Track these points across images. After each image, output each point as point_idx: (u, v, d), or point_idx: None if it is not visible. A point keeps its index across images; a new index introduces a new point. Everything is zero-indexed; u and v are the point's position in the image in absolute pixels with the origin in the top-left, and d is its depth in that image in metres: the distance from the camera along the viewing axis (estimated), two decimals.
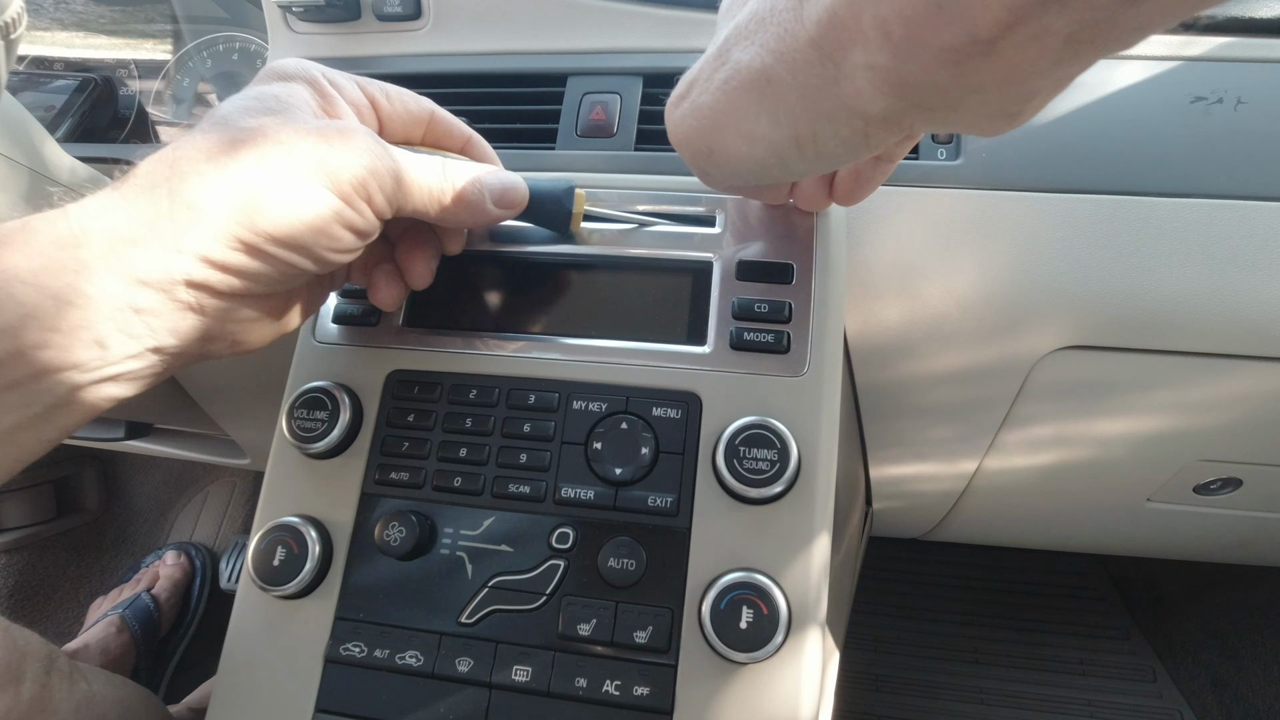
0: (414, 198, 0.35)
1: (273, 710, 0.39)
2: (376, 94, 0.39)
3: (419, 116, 0.40)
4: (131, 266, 0.29)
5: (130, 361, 0.31)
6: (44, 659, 0.42)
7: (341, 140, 0.32)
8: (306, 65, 0.36)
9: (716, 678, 0.36)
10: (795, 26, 0.26)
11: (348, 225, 0.33)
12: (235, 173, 0.30)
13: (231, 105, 0.33)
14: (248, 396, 0.73)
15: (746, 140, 0.30)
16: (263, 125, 0.31)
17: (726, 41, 0.29)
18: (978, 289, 0.49)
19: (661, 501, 0.39)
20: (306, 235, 0.32)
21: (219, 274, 0.31)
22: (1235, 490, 0.65)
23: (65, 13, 0.79)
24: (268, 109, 0.32)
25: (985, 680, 1.10)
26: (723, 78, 0.29)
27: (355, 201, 0.33)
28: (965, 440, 0.61)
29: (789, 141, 0.29)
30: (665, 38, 0.55)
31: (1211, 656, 1.07)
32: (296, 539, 0.40)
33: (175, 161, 0.30)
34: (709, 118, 0.30)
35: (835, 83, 0.26)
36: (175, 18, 0.78)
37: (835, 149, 0.29)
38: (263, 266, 0.32)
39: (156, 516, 1.32)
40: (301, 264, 0.33)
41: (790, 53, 0.26)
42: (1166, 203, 0.47)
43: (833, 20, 0.24)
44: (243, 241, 0.31)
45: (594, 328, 0.44)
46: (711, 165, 0.32)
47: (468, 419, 0.42)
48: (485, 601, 0.39)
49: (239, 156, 0.30)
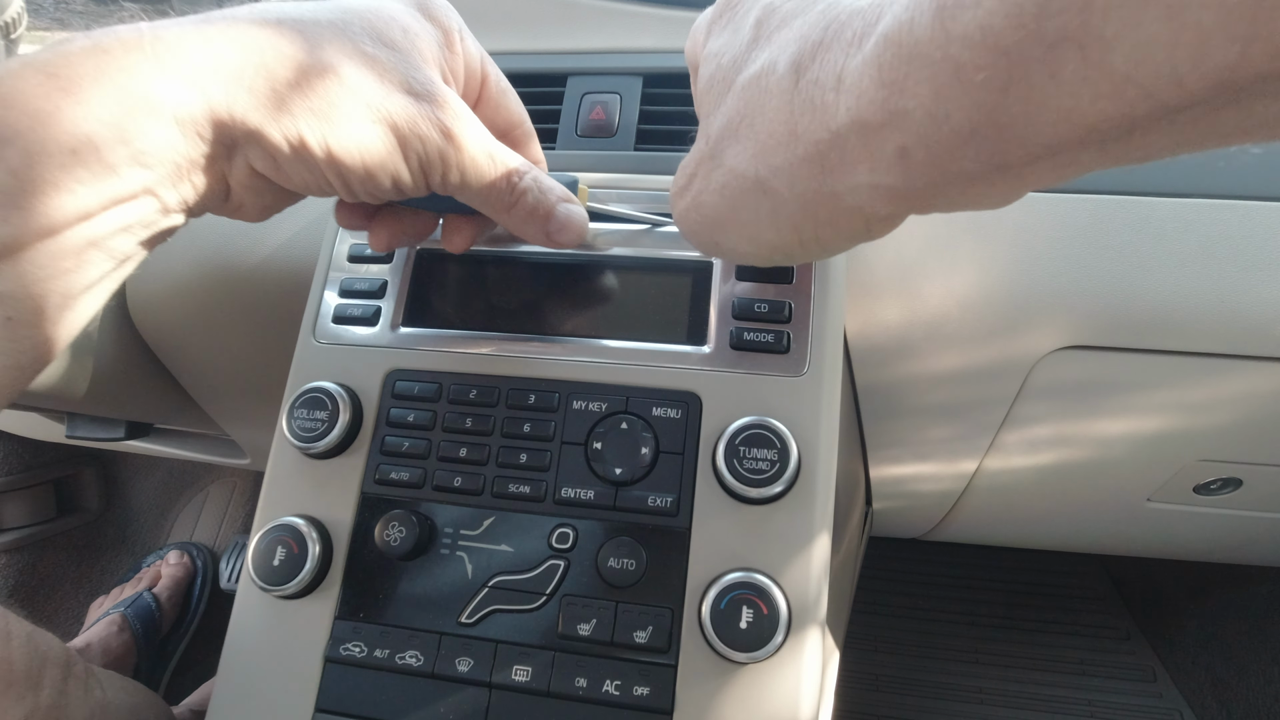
0: (472, 193, 0.36)
1: (273, 710, 0.39)
2: (491, 75, 0.39)
3: (512, 118, 0.41)
4: (194, 105, 0.29)
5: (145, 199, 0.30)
6: (63, 665, 0.42)
7: (432, 113, 0.32)
8: (449, 14, 0.36)
9: (716, 678, 0.36)
10: (789, 142, 0.25)
11: (396, 183, 0.33)
12: (325, 87, 0.30)
13: (358, 15, 0.32)
14: (248, 396, 0.73)
15: (751, 242, 0.30)
16: (378, 58, 0.31)
17: (718, 137, 0.28)
18: (978, 289, 0.49)
19: (661, 501, 0.39)
20: (354, 171, 0.32)
21: (265, 156, 0.31)
22: (1235, 490, 0.65)
23: (65, 13, 0.79)
24: (389, 42, 0.32)
25: (985, 680, 1.10)
26: (719, 182, 0.29)
27: (414, 170, 0.33)
28: (965, 440, 0.61)
29: (791, 243, 0.28)
30: (665, 38, 0.55)
31: (1211, 656, 1.07)
32: (296, 539, 0.40)
33: (280, 38, 0.30)
34: (711, 217, 0.30)
35: (836, 197, 0.25)
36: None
37: (838, 243, 0.28)
38: (299, 170, 0.32)
39: (156, 516, 1.32)
40: (336, 187, 0.33)
41: (786, 167, 0.25)
42: (1166, 203, 0.47)
43: (837, 143, 0.23)
44: (298, 147, 0.31)
45: (594, 327, 0.44)
46: (720, 255, 0.33)
47: (468, 419, 0.42)
48: (485, 601, 0.39)
49: (337, 70, 0.30)
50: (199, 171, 0.31)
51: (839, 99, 0.22)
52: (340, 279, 0.47)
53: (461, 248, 0.42)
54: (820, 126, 0.23)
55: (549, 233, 0.38)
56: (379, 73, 0.31)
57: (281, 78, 0.29)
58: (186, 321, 0.62)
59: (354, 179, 0.33)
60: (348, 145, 0.31)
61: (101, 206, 0.28)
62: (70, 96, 0.26)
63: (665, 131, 0.51)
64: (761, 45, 0.27)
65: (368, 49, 0.31)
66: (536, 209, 0.37)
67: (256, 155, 0.31)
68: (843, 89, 0.22)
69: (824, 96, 0.23)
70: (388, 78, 0.31)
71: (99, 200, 0.28)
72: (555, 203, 0.38)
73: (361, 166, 0.32)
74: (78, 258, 0.29)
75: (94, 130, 0.27)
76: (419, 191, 0.35)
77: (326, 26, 0.31)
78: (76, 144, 0.26)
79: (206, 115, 0.29)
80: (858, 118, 0.22)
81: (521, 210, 0.37)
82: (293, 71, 0.29)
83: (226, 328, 0.62)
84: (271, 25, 0.30)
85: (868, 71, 0.21)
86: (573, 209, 0.39)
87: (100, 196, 0.28)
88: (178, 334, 0.64)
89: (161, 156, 0.29)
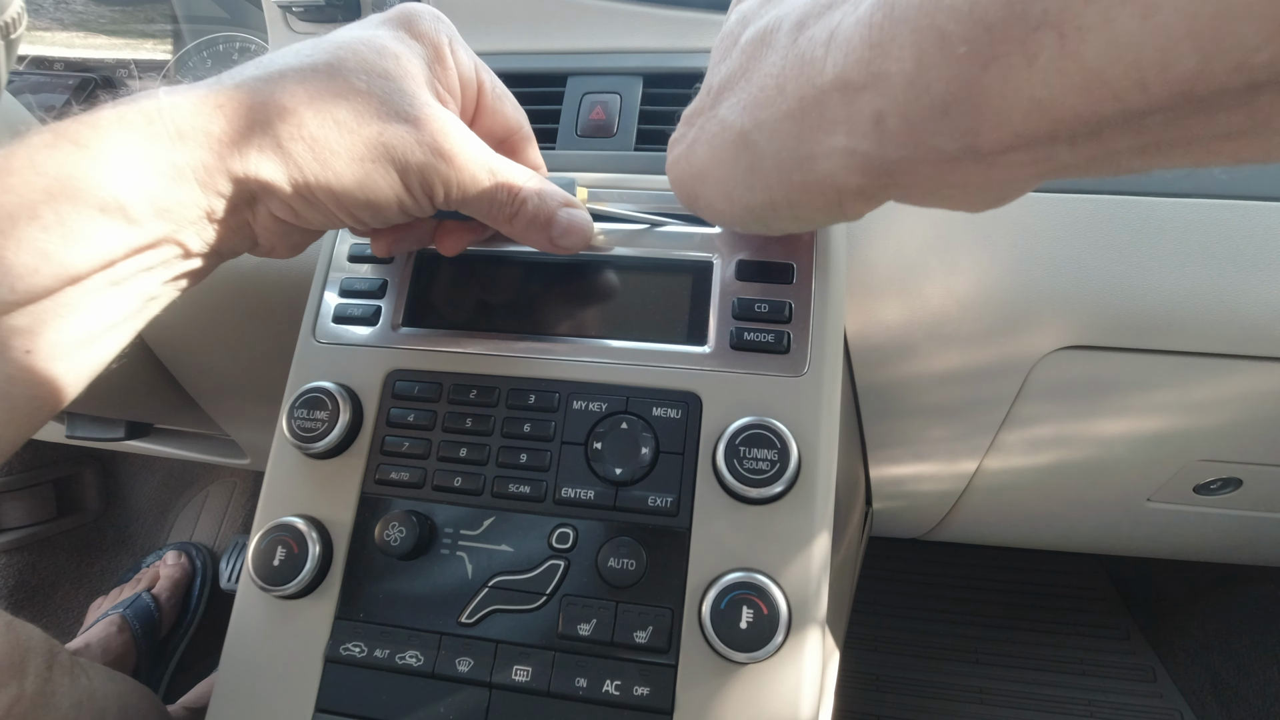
0: (474, 209, 0.36)
1: (273, 710, 0.39)
2: (486, 82, 0.40)
3: (510, 124, 0.41)
4: (210, 166, 0.31)
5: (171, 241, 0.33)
6: (46, 654, 0.42)
7: (429, 138, 0.33)
8: (437, 28, 0.37)
9: (716, 678, 0.36)
10: (776, 97, 0.25)
11: (402, 209, 0.35)
12: (323, 135, 0.32)
13: (351, 51, 0.33)
14: (248, 397, 0.73)
15: (726, 199, 0.31)
16: (372, 92, 0.32)
17: (719, 89, 0.29)
18: (978, 289, 0.49)
19: (661, 501, 0.39)
20: (362, 207, 0.34)
21: (281, 203, 0.33)
22: (1235, 490, 0.65)
23: (65, 13, 0.79)
24: (381, 73, 0.33)
25: (985, 680, 1.10)
26: (710, 132, 0.30)
27: (418, 195, 0.34)
28: (965, 440, 0.61)
29: (764, 205, 0.29)
30: (665, 38, 0.55)
31: (1211, 657, 1.07)
32: (296, 539, 0.40)
33: (282, 97, 0.32)
34: (696, 168, 0.31)
35: (811, 159, 0.25)
36: (175, 18, 0.78)
37: (811, 216, 0.29)
38: (314, 213, 0.34)
39: (156, 516, 1.32)
40: (350, 223, 0.36)
41: (770, 121, 0.26)
42: (1166, 203, 0.47)
43: (819, 101, 0.23)
44: (305, 193, 0.33)
45: (594, 327, 0.44)
46: (698, 210, 0.34)
47: (468, 419, 0.42)
48: (485, 601, 0.39)
49: (333, 113, 0.32)
50: (224, 223, 0.34)
51: (827, 55, 0.23)
52: (340, 279, 0.47)
53: (454, 251, 0.43)
54: (806, 83, 0.24)
55: (553, 239, 0.38)
56: (374, 106, 0.32)
57: (286, 135, 0.32)
58: (186, 322, 0.62)
59: (363, 214, 0.34)
60: (349, 186, 0.33)
61: (126, 253, 0.31)
62: (99, 165, 0.29)
63: (665, 131, 0.50)
64: (774, 4, 0.27)
65: (360, 84, 0.32)
66: (537, 217, 0.37)
67: (274, 204, 0.34)
68: (833, 45, 0.23)
69: (814, 52, 0.23)
70: (382, 109, 0.33)
71: (124, 248, 0.31)
72: (556, 209, 0.38)
73: (366, 203, 0.34)
74: (100, 298, 0.31)
75: (121, 191, 0.29)
76: (424, 211, 0.36)
77: (323, 71, 0.32)
78: (104, 204, 0.29)
79: (223, 174, 0.32)
80: (841, 75, 0.22)
81: (523, 220, 0.37)
82: (294, 125, 0.31)
83: (226, 327, 0.62)
84: (275, 81, 0.32)
85: (858, 31, 0.21)
86: (575, 214, 0.39)
87: (125, 245, 0.31)
88: (178, 334, 0.64)
89: (183, 212, 0.32)
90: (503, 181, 0.36)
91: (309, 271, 0.49)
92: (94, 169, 0.29)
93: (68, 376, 0.32)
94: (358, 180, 0.33)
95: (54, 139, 0.29)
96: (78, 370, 0.32)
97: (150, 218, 0.31)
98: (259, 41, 0.73)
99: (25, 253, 0.28)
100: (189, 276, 0.36)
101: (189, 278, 0.36)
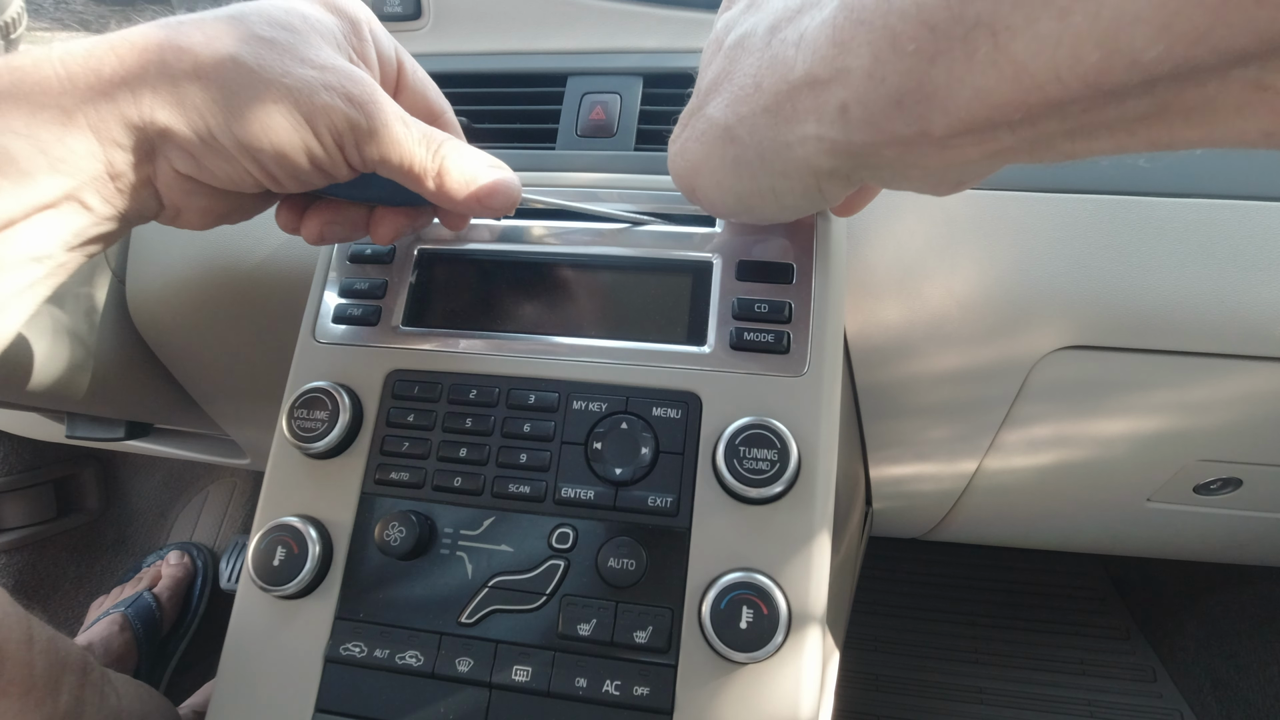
0: (391, 163, 0.35)
1: (273, 710, 0.39)
2: (407, 64, 0.39)
3: (433, 108, 0.40)
4: (108, 114, 0.30)
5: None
6: (80, 671, 0.41)
7: (337, 82, 0.32)
8: (359, 6, 0.36)
9: (716, 678, 0.36)
10: (754, 93, 0.28)
11: (313, 160, 0.33)
12: (225, 77, 0.30)
13: (256, 9, 0.33)
14: (248, 396, 0.73)
15: (718, 189, 0.33)
16: (275, 39, 0.31)
17: (706, 91, 0.32)
18: (978, 289, 0.49)
19: (661, 501, 0.39)
20: (268, 155, 0.32)
21: (182, 154, 0.32)
22: (1235, 490, 0.65)
23: (65, 13, 0.79)
24: (287, 25, 0.32)
25: (985, 680, 1.10)
26: (700, 129, 0.32)
27: (328, 144, 0.33)
28: (965, 440, 0.61)
29: (751, 193, 0.31)
30: (665, 38, 0.55)
31: (1211, 656, 1.07)
32: (296, 539, 0.40)
33: (178, 37, 0.30)
34: (690, 162, 0.33)
35: (788, 146, 0.28)
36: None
37: (794, 201, 0.32)
38: (218, 162, 0.32)
39: (156, 516, 1.32)
40: (257, 175, 0.33)
41: (750, 116, 0.28)
42: (1166, 203, 0.47)
43: (792, 95, 0.26)
44: (206, 137, 0.31)
45: (594, 327, 0.44)
46: (697, 201, 0.35)
47: (468, 419, 0.42)
48: (485, 601, 0.39)
49: (234, 55, 0.31)
50: (124, 178, 0.32)
51: (798, 54, 0.25)
52: (340, 279, 0.47)
53: (389, 240, 0.41)
54: (780, 79, 0.26)
55: (480, 199, 0.36)
56: (277, 52, 0.31)
57: (181, 73, 0.30)
58: (186, 321, 0.62)
59: (269, 161, 0.32)
60: (252, 128, 0.31)
61: (24, 213, 0.30)
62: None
63: (665, 131, 0.50)
64: (752, 12, 0.30)
65: (264, 32, 0.32)
66: (462, 174, 0.36)
67: (175, 155, 0.32)
68: (802, 45, 0.25)
69: (786, 52, 0.26)
70: (286, 55, 0.31)
71: (21, 207, 0.29)
72: (482, 167, 0.36)
73: (270, 146, 0.32)
74: (2, 263, 0.30)
75: (8, 142, 0.28)
76: (338, 168, 0.34)
77: (223, 20, 0.32)
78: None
79: (119, 120, 0.30)
80: (810, 72, 0.25)
81: (448, 179, 0.35)
82: (190, 65, 0.30)
83: (226, 327, 0.62)
84: (171, 27, 0.31)
85: (824, 32, 0.24)
86: (502, 173, 0.37)
87: (21, 204, 0.29)
88: (178, 334, 0.64)
89: (80, 164, 0.30)
90: (420, 135, 0.34)
91: (309, 271, 0.49)
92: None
93: None
94: (262, 125, 0.31)
95: None
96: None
97: (44, 170, 0.29)
98: None
99: None
100: (95, 241, 0.34)
101: (95, 242, 0.34)
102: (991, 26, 0.19)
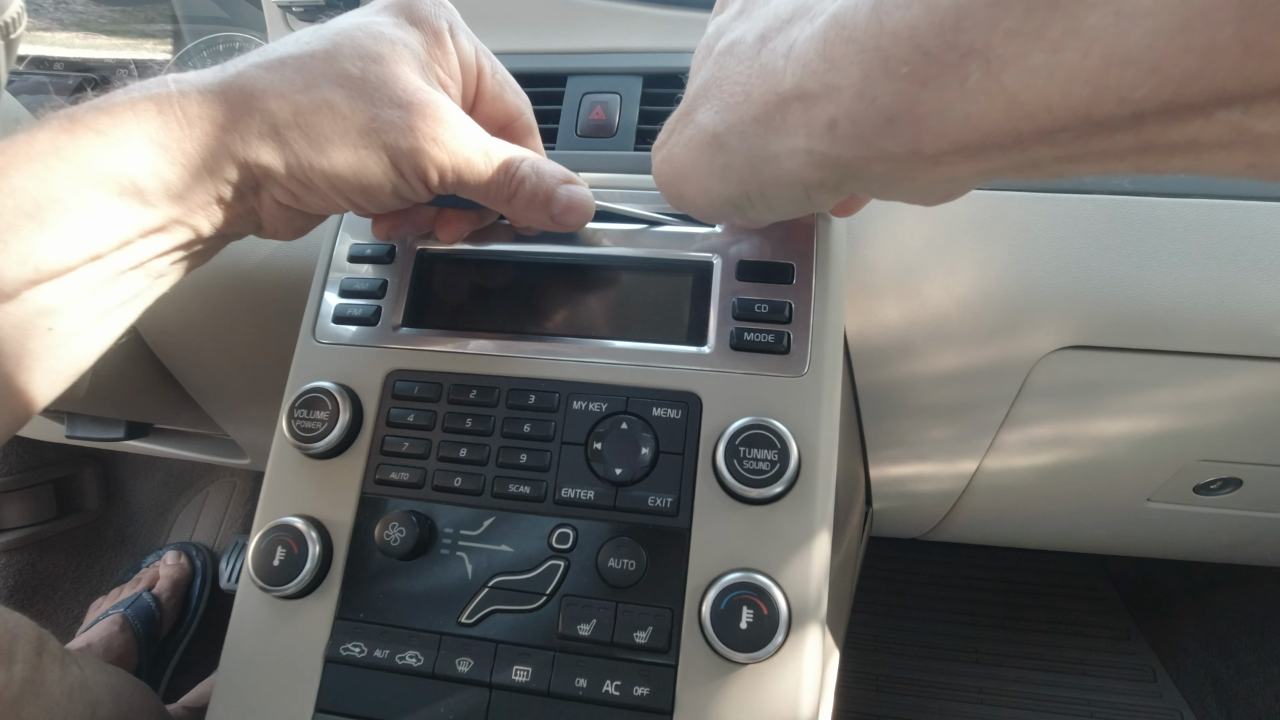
0: (470, 191, 0.37)
1: (273, 710, 0.39)
2: (486, 68, 0.40)
3: (511, 111, 0.42)
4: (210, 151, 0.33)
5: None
6: (35, 641, 0.42)
7: (422, 123, 0.34)
8: (437, 13, 0.37)
9: (716, 678, 0.36)
10: (744, 102, 0.28)
11: (397, 193, 0.36)
12: (320, 125, 0.33)
13: (348, 38, 0.34)
14: (248, 397, 0.73)
15: (705, 195, 0.33)
16: (366, 76, 0.33)
17: (694, 97, 0.32)
18: (978, 289, 0.49)
19: (661, 502, 0.39)
20: (356, 192, 0.35)
21: (282, 189, 0.35)
22: (1235, 490, 0.65)
23: (65, 13, 0.79)
24: (375, 58, 0.34)
25: (985, 680, 1.10)
26: (687, 136, 0.32)
27: (412, 181, 0.35)
28: (965, 440, 0.61)
29: (740, 197, 0.32)
30: (665, 38, 0.55)
31: (1211, 657, 1.07)
32: (296, 539, 0.40)
33: (281, 83, 0.33)
34: (677, 169, 0.33)
35: (777, 157, 0.28)
36: (175, 18, 0.78)
37: (783, 206, 0.32)
38: (312, 198, 0.35)
39: (156, 516, 1.32)
40: (348, 207, 0.37)
41: (739, 124, 0.29)
42: (1166, 203, 0.47)
43: (781, 107, 0.26)
44: (303, 178, 0.34)
45: (594, 328, 0.44)
46: (683, 207, 0.36)
47: (468, 419, 0.42)
48: (485, 601, 0.39)
49: (328, 99, 0.33)
50: (231, 208, 0.35)
51: (787, 66, 0.25)
52: (340, 279, 0.47)
53: (454, 238, 0.43)
54: (769, 90, 0.26)
55: (554, 216, 0.38)
56: (367, 91, 0.33)
57: (283, 120, 0.33)
58: (186, 321, 0.62)
59: (358, 198, 0.35)
60: (343, 171, 0.34)
61: (140, 234, 0.33)
62: (117, 152, 0.31)
63: None
64: (743, 19, 0.30)
65: (355, 70, 0.33)
66: (536, 194, 0.37)
67: (276, 189, 0.35)
68: (791, 57, 0.25)
69: (776, 63, 0.26)
70: (375, 94, 0.33)
71: (138, 229, 0.33)
72: (556, 185, 0.38)
73: (360, 187, 0.34)
74: (116, 277, 0.33)
75: (138, 176, 0.32)
76: (420, 197, 0.37)
77: (320, 58, 0.34)
78: (122, 188, 0.31)
79: (229, 160, 0.33)
80: (799, 85, 0.25)
81: (522, 199, 0.37)
82: (290, 112, 0.33)
83: (226, 327, 0.62)
84: (275, 69, 0.33)
85: (813, 45, 0.24)
86: (575, 189, 0.39)
87: (140, 226, 0.33)
88: (178, 334, 0.64)
89: (193, 198, 0.33)
90: (499, 162, 0.36)
91: (309, 271, 0.49)
92: (113, 155, 0.31)
93: (82, 351, 0.34)
94: (350, 165, 0.34)
95: (72, 125, 0.31)
96: (91, 345, 0.35)
97: (164, 201, 0.33)
98: (258, 41, 0.73)
99: (50, 234, 0.30)
100: (196, 256, 0.37)
101: (196, 258, 0.38)
102: (984, 55, 0.19)
